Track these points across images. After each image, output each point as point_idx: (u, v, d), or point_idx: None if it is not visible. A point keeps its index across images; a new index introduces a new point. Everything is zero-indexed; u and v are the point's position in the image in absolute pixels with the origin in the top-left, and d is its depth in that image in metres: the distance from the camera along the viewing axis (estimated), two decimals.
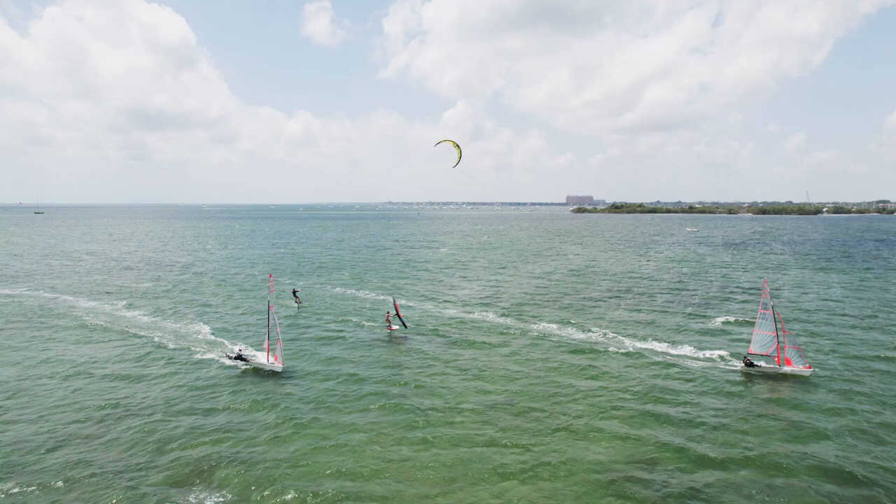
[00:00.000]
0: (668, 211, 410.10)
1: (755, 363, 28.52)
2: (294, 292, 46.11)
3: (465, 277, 65.48)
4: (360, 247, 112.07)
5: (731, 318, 41.96)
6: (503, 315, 43.29)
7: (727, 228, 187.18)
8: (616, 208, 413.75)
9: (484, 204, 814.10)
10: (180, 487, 17.87)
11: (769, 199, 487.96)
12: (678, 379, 28.11)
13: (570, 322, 40.86)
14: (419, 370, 29.54)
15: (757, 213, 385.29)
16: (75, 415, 23.56)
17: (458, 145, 46.11)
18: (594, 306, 47.69)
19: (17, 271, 69.60)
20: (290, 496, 17.18)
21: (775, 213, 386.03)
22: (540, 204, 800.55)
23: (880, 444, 20.68)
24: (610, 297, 51.94)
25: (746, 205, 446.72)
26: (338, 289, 55.88)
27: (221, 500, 17.11)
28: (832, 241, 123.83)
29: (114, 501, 17.07)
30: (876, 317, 42.56)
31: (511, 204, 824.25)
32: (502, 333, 37.60)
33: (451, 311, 44.78)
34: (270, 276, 37.73)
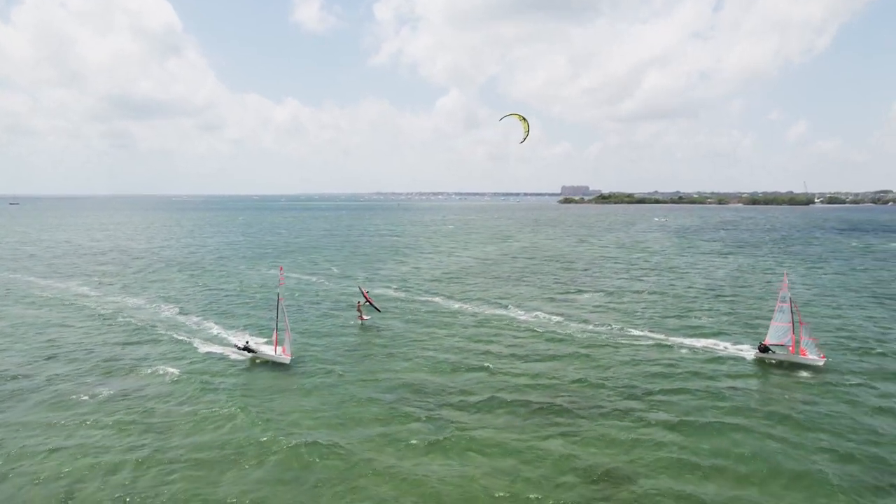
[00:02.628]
0: (657, 201, 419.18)
1: (770, 349, 30.27)
2: (360, 294, 42.82)
3: (401, 262, 74.12)
4: (319, 235, 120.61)
5: (570, 291, 51.05)
6: (416, 292, 52.03)
7: (697, 218, 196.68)
8: (604, 199, 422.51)
9: (474, 195, 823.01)
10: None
11: (769, 190, 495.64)
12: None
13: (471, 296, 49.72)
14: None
15: (748, 204, 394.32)
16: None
17: (524, 118, 42.89)
18: (495, 286, 56.59)
19: None
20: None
21: (766, 203, 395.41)
22: (532, 195, 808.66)
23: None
24: (513, 277, 60.89)
25: (745, 194, 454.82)
26: (295, 275, 64.58)
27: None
28: (781, 230, 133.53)
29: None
30: (722, 295, 51.82)
31: (503, 194, 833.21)
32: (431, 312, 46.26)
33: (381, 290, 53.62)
34: (281, 268, 37.58)
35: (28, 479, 18.66)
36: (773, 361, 29.90)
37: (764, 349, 30.26)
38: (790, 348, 29.56)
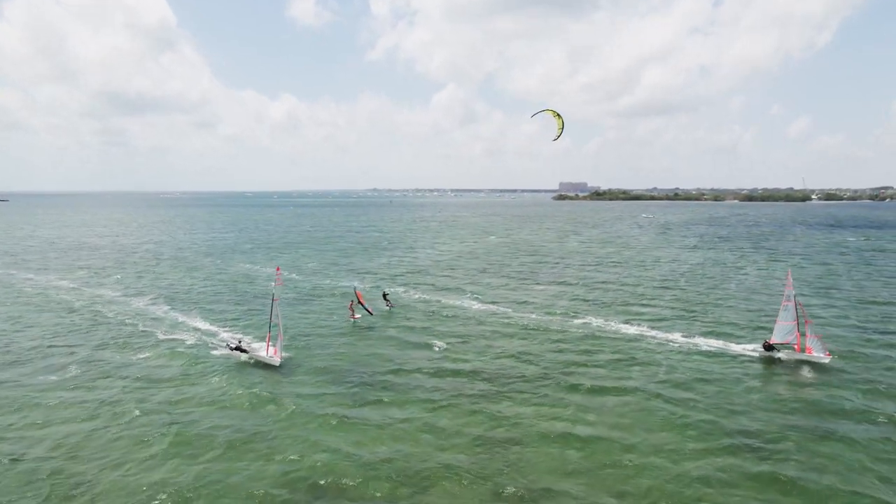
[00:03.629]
0: (653, 198, 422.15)
1: (774, 346, 30.34)
2: (384, 295, 43.63)
3: (372, 258, 76.45)
4: (295, 233, 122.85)
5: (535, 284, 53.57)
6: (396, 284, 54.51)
7: (686, 215, 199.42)
8: (599, 195, 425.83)
9: (470, 191, 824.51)
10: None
11: (770, 186, 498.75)
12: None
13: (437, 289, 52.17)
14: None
15: (743, 200, 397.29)
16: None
17: (559, 115, 41.23)
18: (450, 277, 59.08)
19: None
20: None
21: (763, 200, 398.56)
22: (530, 191, 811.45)
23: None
24: (481, 270, 63.39)
25: (745, 191, 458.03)
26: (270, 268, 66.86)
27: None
28: (764, 225, 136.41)
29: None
30: (675, 286, 54.41)
31: (500, 191, 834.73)
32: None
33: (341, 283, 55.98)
34: (278, 269, 36.34)
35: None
36: (778, 359, 29.86)
37: (769, 347, 30.34)
38: (795, 346, 29.82)
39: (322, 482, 18.36)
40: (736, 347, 31.79)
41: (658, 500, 17.37)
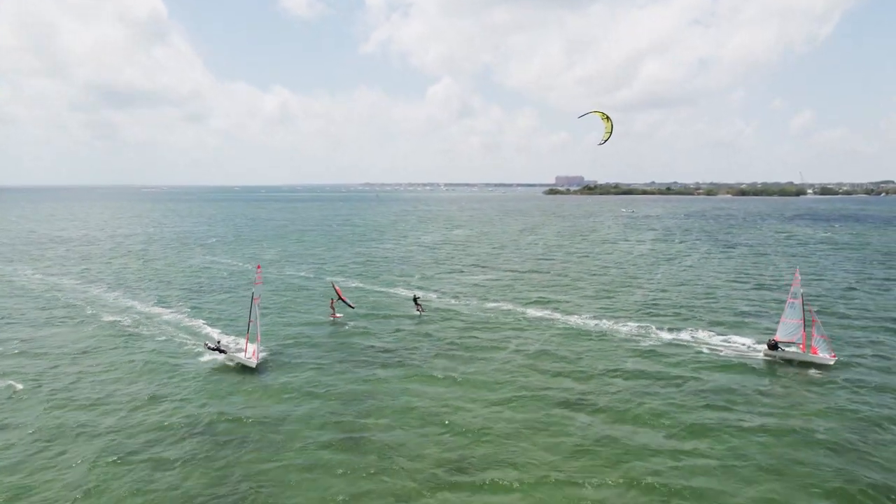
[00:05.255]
0: (645, 192, 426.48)
1: (779, 346, 30.01)
2: (415, 299, 40.71)
3: (334, 249, 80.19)
4: (267, 226, 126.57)
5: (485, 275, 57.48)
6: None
7: (669, 208, 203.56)
8: (590, 190, 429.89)
9: (463, 185, 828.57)
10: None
11: (769, 180, 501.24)
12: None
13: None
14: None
15: (737, 195, 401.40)
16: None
17: (608, 117, 40.51)
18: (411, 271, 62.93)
19: None
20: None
21: (755, 195, 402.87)
22: (526, 185, 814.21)
23: None
24: (432, 262, 67.23)
25: (744, 185, 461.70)
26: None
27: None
28: (738, 219, 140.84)
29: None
30: (637, 277, 58.42)
31: (494, 185, 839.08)
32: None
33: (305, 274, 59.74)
34: (259, 266, 35.81)
35: None
36: (782, 360, 29.63)
37: (773, 346, 30.03)
38: (800, 346, 29.60)
39: None
40: (686, 336, 33.93)
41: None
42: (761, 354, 30.39)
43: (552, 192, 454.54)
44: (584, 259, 67.57)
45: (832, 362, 28.63)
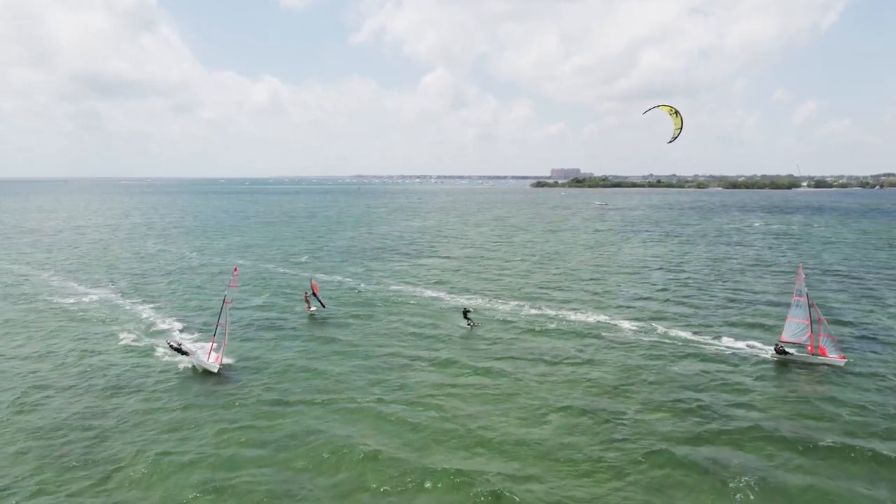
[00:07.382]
0: (634, 185, 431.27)
1: (787, 350, 29.01)
2: (465, 313, 36.96)
3: (296, 237, 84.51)
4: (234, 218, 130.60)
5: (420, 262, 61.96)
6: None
7: (644, 201, 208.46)
8: (578, 183, 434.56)
9: (456, 178, 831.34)
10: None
11: (770, 172, 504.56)
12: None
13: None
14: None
15: (727, 188, 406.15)
16: None
17: (676, 112, 38.23)
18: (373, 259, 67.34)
19: None
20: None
21: (746, 188, 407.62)
22: (520, 178, 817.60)
23: None
24: (374, 251, 71.67)
25: (743, 178, 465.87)
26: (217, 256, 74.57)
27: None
28: (708, 211, 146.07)
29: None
30: (605, 277, 63.05)
31: (487, 178, 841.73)
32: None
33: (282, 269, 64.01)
34: (235, 269, 35.27)
35: None
36: (790, 362, 28.78)
37: (781, 351, 29.02)
38: (808, 348, 28.91)
39: None
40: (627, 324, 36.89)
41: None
42: (769, 355, 29.39)
43: (540, 184, 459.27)
44: (515, 248, 72.22)
45: (842, 363, 28.02)
